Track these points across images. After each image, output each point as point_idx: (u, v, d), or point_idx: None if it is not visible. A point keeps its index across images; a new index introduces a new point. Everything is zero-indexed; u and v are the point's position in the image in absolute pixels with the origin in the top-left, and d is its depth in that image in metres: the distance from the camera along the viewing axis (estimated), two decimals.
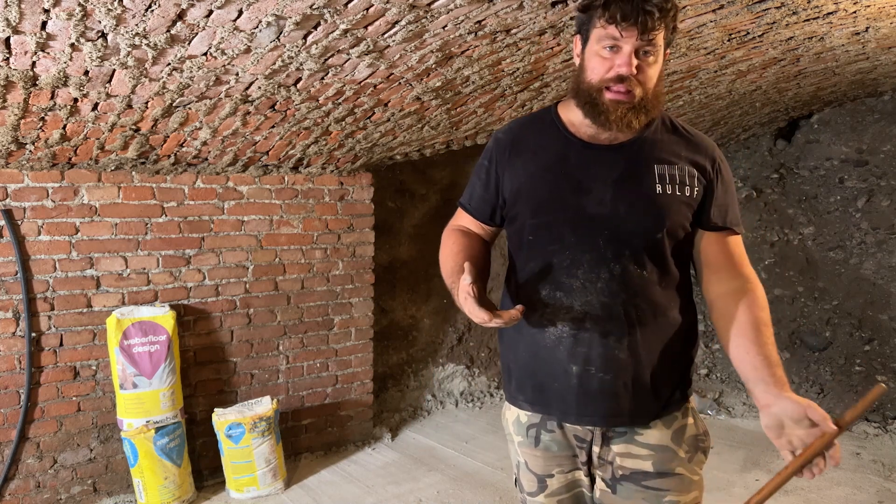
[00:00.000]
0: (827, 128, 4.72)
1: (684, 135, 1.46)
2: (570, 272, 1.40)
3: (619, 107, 1.32)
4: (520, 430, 1.56)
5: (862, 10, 2.46)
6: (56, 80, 2.06)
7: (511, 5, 1.93)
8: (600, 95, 1.32)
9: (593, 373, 1.39)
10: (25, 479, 2.98)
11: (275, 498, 3.24)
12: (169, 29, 1.81)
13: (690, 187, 1.39)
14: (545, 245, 1.43)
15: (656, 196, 1.37)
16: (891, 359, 4.16)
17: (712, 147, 1.47)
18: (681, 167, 1.40)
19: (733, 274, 1.42)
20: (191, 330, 3.34)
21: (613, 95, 1.31)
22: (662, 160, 1.40)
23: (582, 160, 1.41)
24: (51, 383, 3.01)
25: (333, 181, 3.71)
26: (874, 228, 4.42)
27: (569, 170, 1.42)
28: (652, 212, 1.37)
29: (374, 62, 2.23)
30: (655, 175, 1.38)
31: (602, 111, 1.33)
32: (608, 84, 1.31)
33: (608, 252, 1.37)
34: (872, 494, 3.14)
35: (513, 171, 1.49)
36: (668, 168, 1.39)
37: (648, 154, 1.40)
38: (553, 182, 1.43)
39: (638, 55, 1.29)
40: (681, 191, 1.39)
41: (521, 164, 1.48)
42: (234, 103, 2.48)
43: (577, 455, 1.50)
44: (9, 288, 2.90)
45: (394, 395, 4.45)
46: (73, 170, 2.99)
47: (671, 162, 1.40)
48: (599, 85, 1.32)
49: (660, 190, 1.38)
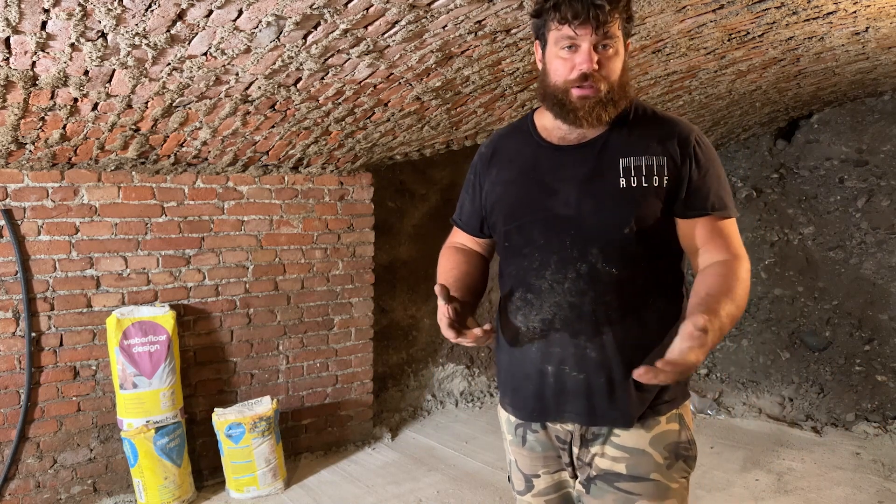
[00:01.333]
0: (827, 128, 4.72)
1: (656, 121, 1.43)
2: (539, 273, 1.41)
3: (585, 102, 1.32)
4: (510, 428, 1.58)
5: (862, 9, 2.46)
6: (56, 79, 2.06)
7: (511, 5, 1.93)
8: (567, 95, 1.33)
9: (567, 371, 1.40)
10: (25, 479, 2.98)
11: (275, 498, 3.24)
12: (169, 29, 1.81)
13: (659, 176, 1.36)
14: (519, 248, 1.46)
15: (620, 191, 1.35)
16: (891, 359, 4.16)
17: (686, 130, 1.41)
18: (648, 157, 1.37)
19: (717, 253, 1.37)
20: (191, 330, 3.34)
21: (579, 92, 1.31)
22: (629, 152, 1.38)
23: (551, 163, 1.43)
24: (51, 383, 3.01)
25: (333, 181, 3.71)
26: (874, 228, 4.42)
27: (539, 173, 1.43)
28: (616, 208, 1.35)
29: (374, 62, 2.23)
30: (620, 169, 1.36)
31: (570, 109, 1.34)
32: (573, 84, 1.31)
33: (574, 251, 1.38)
34: (872, 494, 3.14)
35: (490, 180, 1.52)
36: (633, 160, 1.36)
37: (615, 148, 1.39)
38: (523, 186, 1.45)
39: (597, 50, 1.29)
40: (648, 181, 1.36)
41: (497, 173, 1.51)
42: (234, 103, 2.48)
43: (560, 456, 1.51)
44: (9, 288, 2.90)
45: (394, 395, 4.45)
46: (72, 170, 2.99)
47: (638, 153, 1.37)
48: (565, 86, 1.32)
49: (624, 184, 1.35)
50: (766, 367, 4.62)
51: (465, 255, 1.62)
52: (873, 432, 3.84)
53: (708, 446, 3.72)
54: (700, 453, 1.50)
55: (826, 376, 4.34)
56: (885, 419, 3.93)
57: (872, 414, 4.00)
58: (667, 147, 1.38)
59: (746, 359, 4.75)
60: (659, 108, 1.60)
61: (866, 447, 3.69)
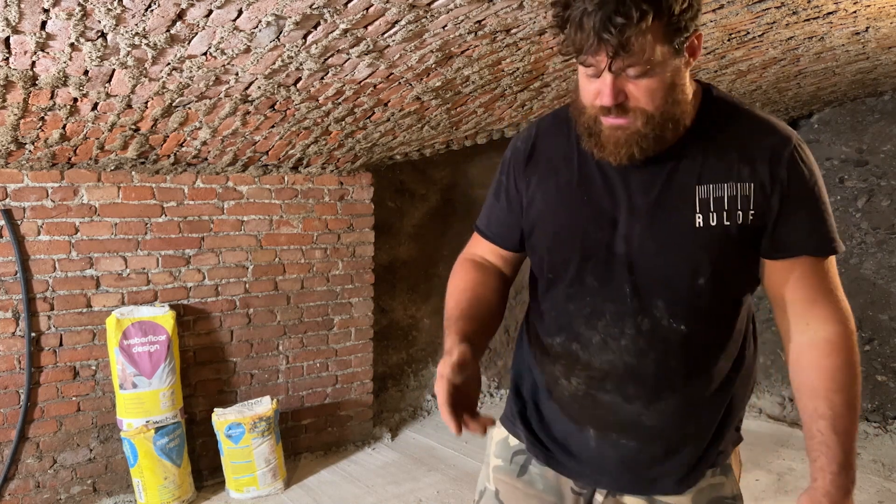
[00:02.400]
0: (827, 128, 4.72)
1: (742, 128, 1.11)
2: (590, 323, 1.16)
3: (616, 134, 1.05)
4: (504, 452, 1.33)
5: (862, 9, 2.46)
6: (56, 79, 2.06)
7: (511, 5, 1.93)
8: (596, 123, 1.07)
9: (614, 439, 1.18)
10: (25, 479, 2.98)
11: (274, 498, 3.24)
12: (169, 29, 1.81)
13: (744, 211, 1.07)
14: (564, 286, 1.19)
15: (696, 231, 1.08)
16: (891, 359, 4.16)
17: (782, 141, 1.09)
18: (732, 185, 1.07)
19: (810, 316, 1.10)
20: (190, 330, 3.34)
21: (609, 121, 1.05)
22: (707, 177, 1.08)
23: (606, 183, 1.13)
24: (50, 383, 3.01)
25: (333, 181, 3.70)
26: (874, 228, 4.41)
27: (591, 195, 1.14)
28: (688, 253, 1.09)
29: (374, 62, 2.23)
30: (696, 201, 1.08)
31: (597, 141, 1.08)
32: (600, 111, 1.05)
33: (635, 302, 1.12)
34: (872, 494, 3.14)
35: (529, 189, 1.23)
36: (713, 188, 1.07)
37: (688, 170, 1.09)
38: (572, 210, 1.16)
39: (623, 75, 1.00)
40: (730, 218, 1.07)
41: (538, 182, 1.21)
42: (234, 103, 2.48)
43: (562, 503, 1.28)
44: (8, 288, 2.90)
45: (394, 395, 4.45)
46: (72, 170, 2.98)
47: (719, 178, 1.08)
48: (593, 111, 1.06)
49: (700, 222, 1.07)
50: (766, 367, 4.62)
51: (483, 275, 1.31)
52: (873, 432, 3.84)
53: None
54: None
55: None
56: (885, 419, 3.93)
57: (872, 414, 4.00)
58: (756, 169, 1.08)
59: None
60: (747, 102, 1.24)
61: (866, 447, 3.68)
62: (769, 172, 1.07)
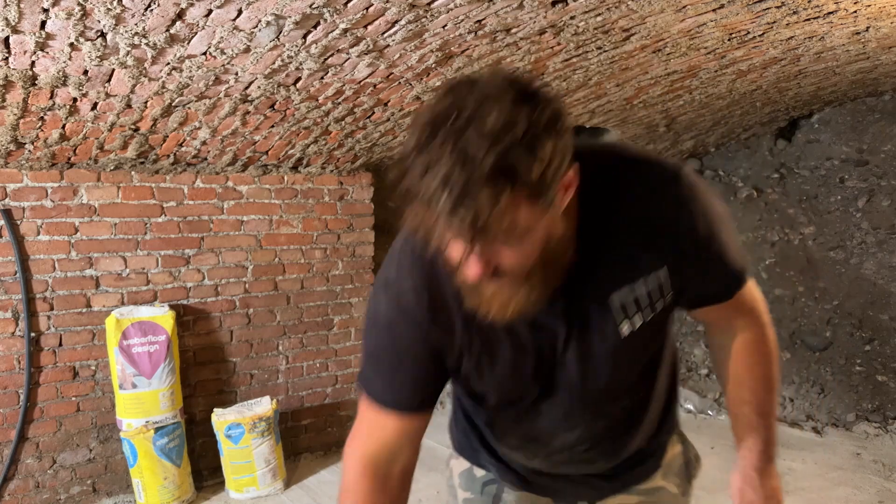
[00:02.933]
0: (827, 127, 4.72)
1: (629, 205, 0.97)
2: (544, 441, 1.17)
3: (497, 295, 0.91)
4: (471, 484, 1.30)
5: (862, 9, 2.46)
6: (55, 79, 2.06)
7: (511, 5, 1.92)
8: (470, 290, 0.92)
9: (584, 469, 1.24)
10: (25, 480, 2.97)
11: (274, 498, 3.23)
12: (168, 28, 1.81)
13: (665, 297, 1.02)
14: (511, 421, 1.18)
15: (625, 340, 1.02)
16: (891, 359, 4.16)
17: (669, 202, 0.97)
18: (643, 280, 0.99)
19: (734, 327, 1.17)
20: (190, 330, 3.34)
21: (488, 286, 0.91)
22: (616, 284, 0.99)
23: (523, 327, 1.01)
24: (50, 383, 3.01)
25: (333, 181, 3.70)
26: (874, 228, 4.41)
27: (513, 345, 1.03)
28: (628, 359, 1.06)
29: (374, 62, 2.23)
30: (613, 311, 1.00)
31: (480, 304, 0.93)
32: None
33: (586, 415, 1.12)
34: (872, 494, 3.13)
35: (448, 343, 1.06)
36: (627, 291, 0.99)
37: (596, 288, 0.99)
38: (506, 364, 1.05)
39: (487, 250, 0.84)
40: (654, 309, 1.02)
41: (459, 339, 1.05)
42: (234, 103, 2.48)
43: None
44: (8, 288, 2.89)
45: None
46: (72, 169, 2.98)
47: (628, 280, 0.99)
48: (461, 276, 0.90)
49: (626, 330, 1.01)
50: None
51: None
52: (874, 432, 3.84)
53: (708, 446, 3.71)
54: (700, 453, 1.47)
55: (826, 376, 4.33)
56: (886, 419, 3.93)
57: (873, 414, 4.00)
58: (661, 249, 0.98)
59: None
60: (618, 144, 1.11)
61: (867, 447, 3.68)
62: (672, 245, 0.98)
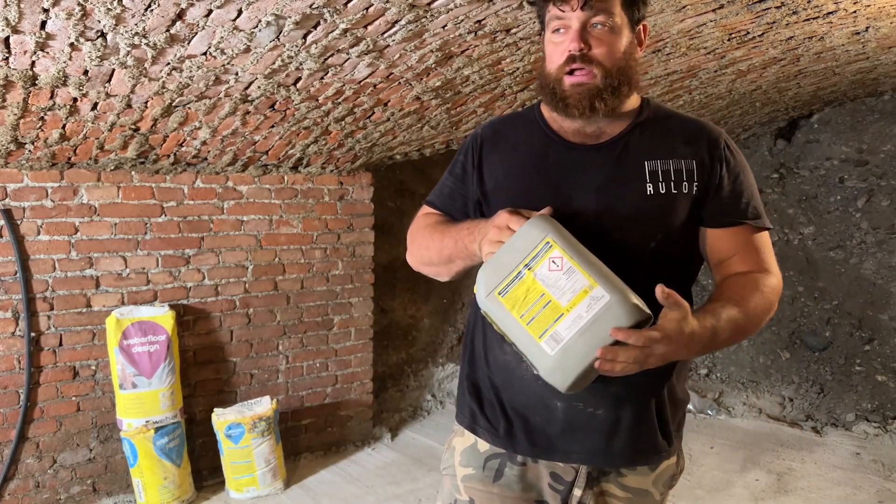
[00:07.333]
0: (827, 127, 4.72)
1: (680, 121, 1.28)
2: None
3: (576, 90, 1.17)
4: (473, 460, 1.34)
5: (862, 9, 2.46)
6: (55, 79, 2.06)
7: (511, 5, 1.93)
8: (560, 85, 1.19)
9: (581, 408, 1.22)
10: (25, 479, 2.97)
11: (274, 498, 3.24)
12: (168, 28, 1.81)
13: (689, 182, 1.21)
14: None
15: (647, 198, 1.19)
16: (891, 359, 4.16)
17: (715, 132, 1.26)
18: (677, 160, 1.21)
19: (744, 265, 1.23)
20: (190, 330, 3.34)
21: (571, 80, 1.18)
22: (655, 154, 1.22)
23: (562, 162, 1.25)
24: (50, 383, 3.01)
25: (333, 181, 3.70)
26: (874, 228, 4.42)
27: (548, 173, 1.25)
28: (641, 217, 1.19)
29: (374, 62, 2.23)
30: (646, 173, 1.20)
31: (561, 98, 1.19)
32: (564, 71, 1.18)
33: None
34: (872, 494, 3.14)
35: (490, 166, 1.33)
36: (661, 163, 1.21)
37: (637, 150, 1.23)
38: (530, 181, 1.27)
39: (588, 29, 1.16)
40: (677, 187, 1.20)
41: (499, 160, 1.32)
42: (234, 103, 2.48)
43: (540, 501, 1.30)
44: (8, 288, 2.90)
45: (394, 395, 4.45)
46: (72, 169, 2.98)
47: (665, 155, 1.22)
48: (558, 73, 1.19)
49: (651, 190, 1.20)
50: (767, 367, 4.62)
51: (443, 216, 1.42)
52: (873, 432, 3.84)
53: (708, 446, 3.72)
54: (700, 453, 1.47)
55: (826, 376, 4.34)
56: (885, 419, 3.93)
57: (872, 414, 4.00)
58: (696, 149, 1.23)
59: (746, 359, 4.75)
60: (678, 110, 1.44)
61: (866, 447, 3.68)
62: (708, 152, 1.23)
